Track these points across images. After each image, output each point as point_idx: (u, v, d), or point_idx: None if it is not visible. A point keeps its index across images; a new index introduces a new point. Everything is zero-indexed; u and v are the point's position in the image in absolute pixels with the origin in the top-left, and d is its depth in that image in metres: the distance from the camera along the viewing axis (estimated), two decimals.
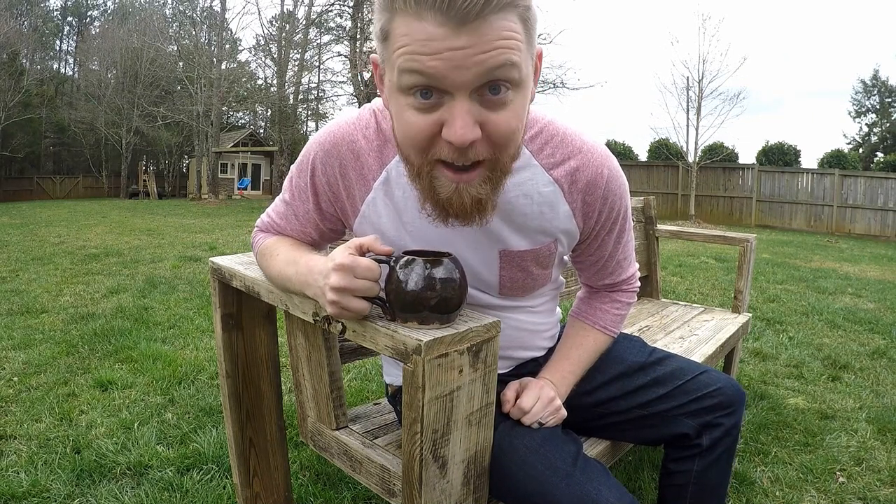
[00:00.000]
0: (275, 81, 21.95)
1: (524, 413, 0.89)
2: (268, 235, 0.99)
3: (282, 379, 1.19)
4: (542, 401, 0.90)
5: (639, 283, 1.10)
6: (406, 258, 0.73)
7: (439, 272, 0.72)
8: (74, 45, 31.53)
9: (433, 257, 0.74)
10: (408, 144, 0.71)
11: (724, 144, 16.49)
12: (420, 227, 0.86)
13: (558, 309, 1.12)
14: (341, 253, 0.74)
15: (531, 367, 1.05)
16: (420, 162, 0.71)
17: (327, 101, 25.15)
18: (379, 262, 0.75)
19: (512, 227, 0.86)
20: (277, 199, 0.98)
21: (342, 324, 0.80)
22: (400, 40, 0.64)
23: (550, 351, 1.08)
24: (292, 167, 0.94)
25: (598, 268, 1.02)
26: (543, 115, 0.87)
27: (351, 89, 19.77)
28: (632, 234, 1.02)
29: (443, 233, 0.85)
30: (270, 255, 0.93)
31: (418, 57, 0.63)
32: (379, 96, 0.80)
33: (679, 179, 15.70)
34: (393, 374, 1.07)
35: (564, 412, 0.93)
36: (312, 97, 25.00)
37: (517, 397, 0.92)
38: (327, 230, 0.95)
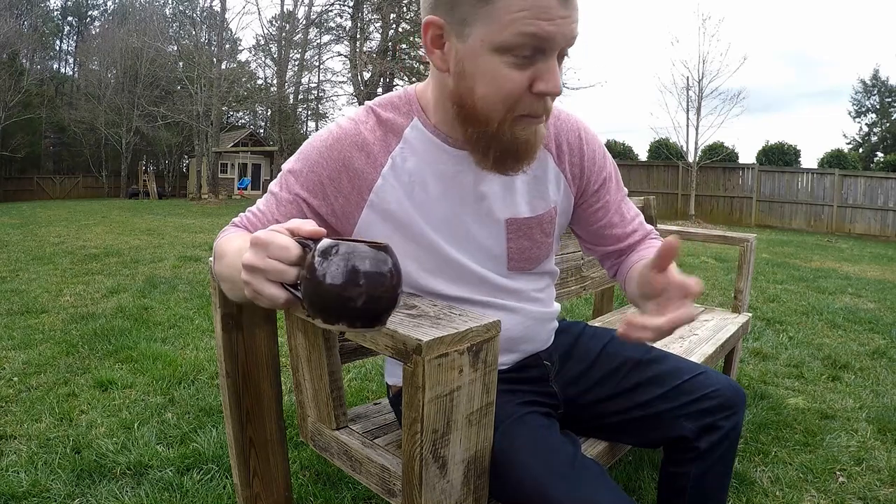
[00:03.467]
0: (275, 81, 21.97)
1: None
2: (234, 229, 0.92)
3: (282, 379, 1.19)
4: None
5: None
6: (328, 242, 0.60)
7: (366, 264, 0.59)
8: (74, 45, 31.55)
9: (366, 245, 0.61)
10: (498, 100, 0.77)
11: (724, 144, 16.49)
12: (428, 207, 0.89)
13: (556, 303, 1.12)
14: (266, 229, 0.66)
15: (532, 362, 1.05)
16: (503, 117, 0.78)
17: (327, 101, 25.19)
18: (302, 245, 0.63)
19: (514, 193, 0.92)
20: (260, 200, 0.93)
21: None
22: (518, 4, 0.72)
23: (551, 345, 1.08)
24: (286, 165, 0.91)
25: (615, 221, 1.04)
26: None
27: (351, 89, 19.79)
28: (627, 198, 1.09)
29: (451, 210, 0.90)
30: (226, 245, 0.82)
31: (537, 22, 0.72)
32: (378, 94, 0.81)
33: (679, 179, 15.70)
34: (395, 375, 1.07)
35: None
36: (312, 97, 25.02)
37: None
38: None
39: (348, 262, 0.58)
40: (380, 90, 17.31)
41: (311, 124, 27.25)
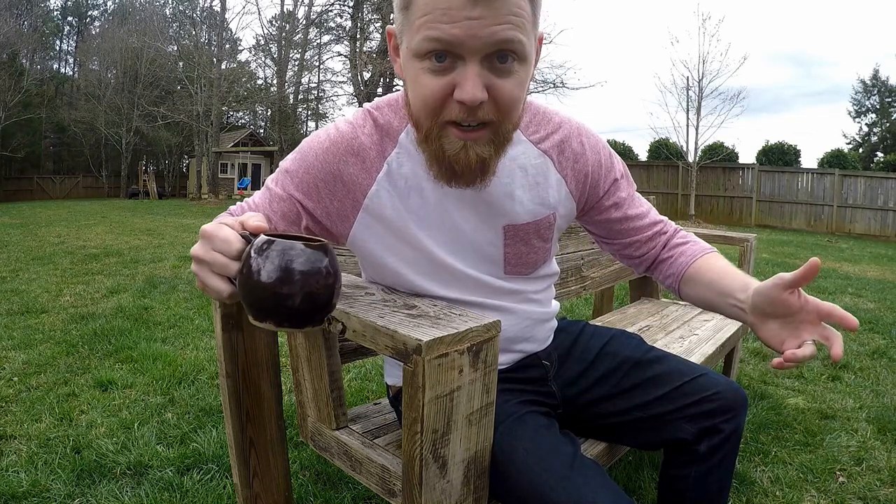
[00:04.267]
0: (275, 81, 21.98)
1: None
2: (227, 216, 0.93)
3: (282, 379, 1.19)
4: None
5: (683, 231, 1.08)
6: (263, 239, 0.59)
7: (298, 262, 0.58)
8: (74, 45, 31.57)
9: (303, 242, 0.60)
10: (420, 106, 0.76)
11: (724, 144, 16.50)
12: (424, 212, 0.88)
13: (555, 302, 1.11)
14: (216, 220, 0.68)
15: (531, 361, 1.05)
16: (430, 124, 0.76)
17: (327, 101, 25.22)
18: (246, 240, 0.63)
19: (513, 200, 0.91)
20: (257, 192, 0.95)
21: (342, 323, 0.80)
22: (422, 9, 0.71)
23: (550, 345, 1.08)
24: (283, 163, 0.91)
25: (633, 217, 1.01)
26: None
27: (351, 89, 19.79)
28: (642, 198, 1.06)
29: (446, 215, 0.88)
30: None
31: (439, 25, 0.69)
32: (378, 95, 0.81)
33: (679, 179, 15.70)
34: (395, 376, 1.07)
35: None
36: (312, 97, 25.04)
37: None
38: (304, 227, 0.91)
39: (281, 260, 0.57)
40: (380, 90, 17.29)
41: (311, 124, 27.25)
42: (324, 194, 0.88)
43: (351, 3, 19.32)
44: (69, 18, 32.51)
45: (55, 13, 31.70)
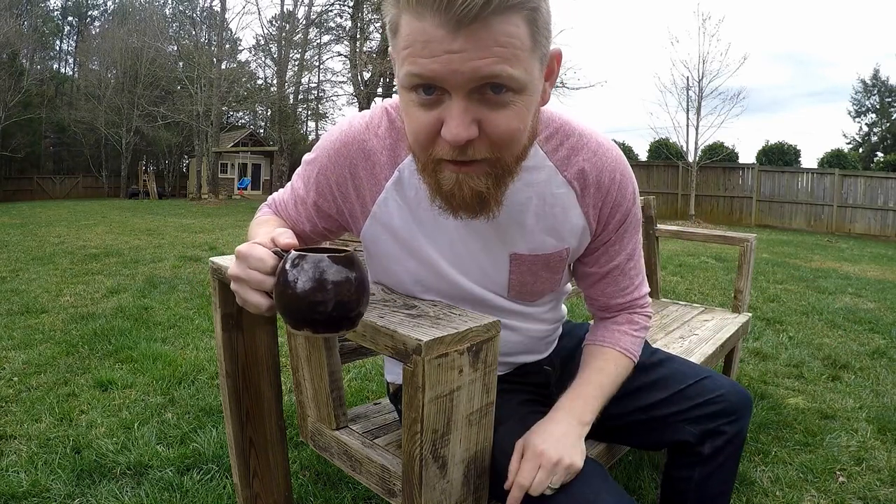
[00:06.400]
0: (275, 81, 21.98)
1: (523, 489, 0.78)
2: (269, 211, 0.99)
3: (282, 379, 1.19)
4: (545, 468, 0.78)
5: (651, 308, 1.03)
6: (294, 255, 0.65)
7: (331, 273, 0.63)
8: (74, 45, 31.56)
9: (330, 254, 0.65)
10: (413, 140, 0.72)
11: (724, 144, 16.50)
12: (434, 226, 0.85)
13: (563, 307, 1.09)
14: (248, 242, 0.71)
15: (532, 368, 1.04)
16: (425, 159, 0.72)
17: (327, 101, 25.26)
18: (279, 256, 0.68)
19: (523, 230, 0.86)
20: (289, 183, 0.97)
21: None
22: (404, 40, 0.64)
23: (552, 352, 1.08)
24: (305, 157, 0.92)
25: (608, 281, 0.96)
26: (560, 114, 0.86)
27: (351, 89, 19.79)
28: (641, 252, 0.98)
29: (456, 231, 0.85)
30: (251, 233, 0.90)
31: (419, 60, 0.63)
32: (378, 95, 0.80)
33: (679, 179, 15.70)
34: (394, 373, 1.07)
35: (579, 464, 0.80)
36: (312, 97, 25.07)
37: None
38: (322, 228, 0.93)
39: (313, 273, 0.63)
40: (380, 90, 17.29)
41: (311, 124, 27.28)
42: (337, 195, 0.89)
43: (351, 3, 19.33)
44: (69, 18, 32.50)
45: (55, 13, 31.68)
